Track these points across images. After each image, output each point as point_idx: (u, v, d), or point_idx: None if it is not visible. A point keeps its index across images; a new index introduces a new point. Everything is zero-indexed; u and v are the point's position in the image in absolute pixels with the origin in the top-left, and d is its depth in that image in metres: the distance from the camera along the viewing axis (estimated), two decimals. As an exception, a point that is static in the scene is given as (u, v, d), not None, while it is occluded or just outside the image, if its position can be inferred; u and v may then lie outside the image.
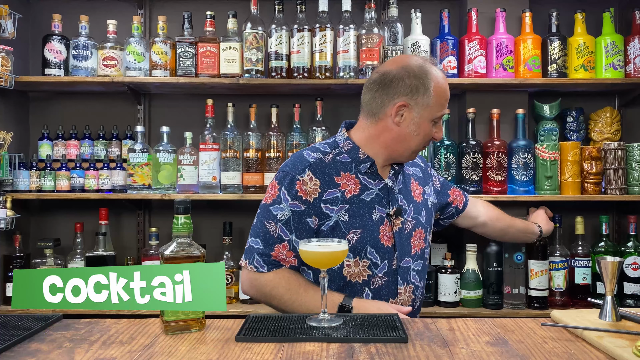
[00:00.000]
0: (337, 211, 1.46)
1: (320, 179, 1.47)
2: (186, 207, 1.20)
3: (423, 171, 1.73)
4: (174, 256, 1.18)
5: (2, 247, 2.52)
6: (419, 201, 1.63)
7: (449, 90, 1.58)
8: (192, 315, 1.20)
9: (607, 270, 1.24)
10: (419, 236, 1.58)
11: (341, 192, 1.48)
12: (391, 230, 1.51)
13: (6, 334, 1.15)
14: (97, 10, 2.75)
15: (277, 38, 2.48)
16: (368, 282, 1.50)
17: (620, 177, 2.49)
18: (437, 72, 1.53)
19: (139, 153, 2.49)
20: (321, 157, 1.52)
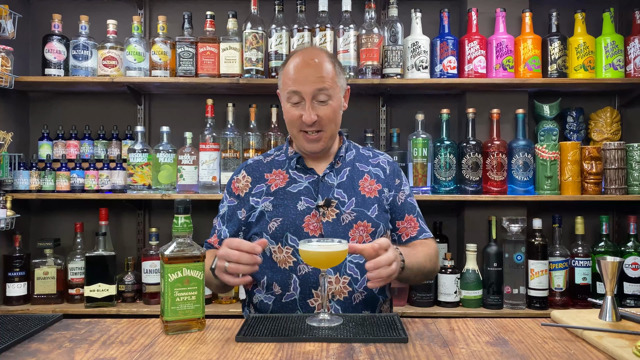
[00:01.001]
0: (262, 202, 1.59)
1: (251, 177, 1.65)
2: (186, 207, 1.21)
3: (387, 176, 1.66)
4: (174, 256, 1.18)
5: (2, 247, 2.52)
6: (369, 196, 1.60)
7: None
8: (193, 315, 1.20)
9: (607, 270, 1.24)
10: (362, 229, 1.55)
11: (267, 186, 1.62)
12: (319, 221, 1.53)
13: (6, 334, 1.15)
14: (97, 10, 2.75)
15: (277, 38, 2.48)
16: (294, 269, 1.51)
17: (620, 177, 2.49)
18: (298, 55, 1.56)
19: (139, 153, 2.49)
20: (261, 159, 1.70)
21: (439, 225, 2.67)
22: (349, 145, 1.71)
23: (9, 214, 2.38)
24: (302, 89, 1.51)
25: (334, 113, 1.55)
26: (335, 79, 1.56)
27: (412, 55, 2.52)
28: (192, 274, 1.18)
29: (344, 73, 1.64)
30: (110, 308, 2.41)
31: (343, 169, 1.63)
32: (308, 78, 1.51)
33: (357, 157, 1.68)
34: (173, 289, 1.17)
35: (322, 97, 1.52)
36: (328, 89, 1.52)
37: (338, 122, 1.60)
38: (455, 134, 2.74)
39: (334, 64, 1.58)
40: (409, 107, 2.74)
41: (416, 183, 2.50)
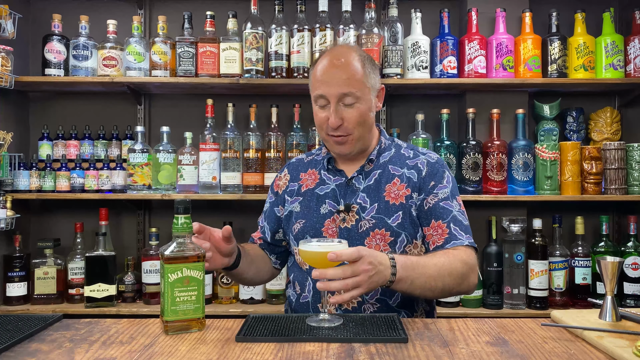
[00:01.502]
0: (292, 202, 1.60)
1: (290, 175, 1.66)
2: (186, 207, 1.21)
3: (421, 179, 1.52)
4: (174, 256, 1.18)
5: (2, 247, 2.52)
6: (394, 202, 1.49)
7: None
8: (193, 315, 1.20)
9: (607, 270, 1.24)
10: (379, 238, 1.47)
11: (299, 186, 1.61)
12: (337, 226, 1.50)
13: (6, 334, 1.15)
14: (97, 10, 2.75)
15: (277, 38, 2.48)
16: (309, 272, 1.49)
17: (620, 177, 2.49)
18: (327, 56, 1.50)
19: (139, 153, 2.49)
20: (303, 157, 1.70)
21: (439, 225, 2.67)
22: (389, 145, 1.61)
23: (9, 214, 2.38)
24: (327, 92, 1.45)
25: (361, 116, 1.47)
26: (364, 79, 1.47)
27: (412, 55, 2.52)
28: (192, 274, 1.18)
29: (376, 72, 1.54)
30: (110, 308, 2.41)
31: (373, 171, 1.55)
32: (333, 80, 1.45)
33: (393, 158, 1.57)
34: (173, 289, 1.17)
35: (348, 100, 1.45)
36: (355, 92, 1.44)
37: (369, 124, 1.51)
38: (455, 134, 2.74)
39: (364, 63, 1.49)
40: (409, 107, 2.74)
41: (416, 183, 2.50)
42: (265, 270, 1.66)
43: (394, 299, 1.47)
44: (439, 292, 1.38)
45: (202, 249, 1.22)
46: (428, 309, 1.57)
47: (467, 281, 1.41)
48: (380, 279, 1.23)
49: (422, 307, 1.54)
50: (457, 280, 1.38)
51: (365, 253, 1.20)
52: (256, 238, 1.70)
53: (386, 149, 1.59)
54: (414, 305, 1.51)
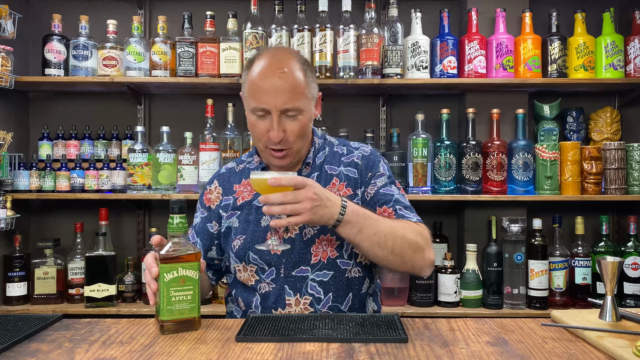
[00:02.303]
0: (229, 217, 1.50)
1: (222, 187, 1.55)
2: (181, 207, 1.21)
3: (362, 172, 1.49)
4: (170, 256, 1.17)
5: (2, 247, 2.52)
6: None
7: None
8: (188, 314, 1.19)
9: (607, 270, 1.24)
10: (325, 243, 1.42)
11: (234, 199, 1.51)
12: (280, 237, 1.41)
13: (6, 334, 1.15)
14: (97, 10, 2.75)
15: (277, 38, 2.48)
16: (256, 287, 1.45)
17: (620, 177, 2.49)
18: (266, 61, 1.38)
19: (139, 153, 2.49)
20: (234, 166, 1.59)
21: (439, 225, 2.67)
22: (322, 144, 1.54)
23: (9, 214, 2.38)
24: (269, 105, 1.35)
25: (302, 129, 1.39)
26: (306, 90, 1.38)
27: (412, 55, 2.52)
28: (187, 274, 1.18)
29: (314, 78, 1.46)
30: (110, 308, 2.41)
31: (311, 175, 1.48)
32: (277, 92, 1.34)
33: (328, 157, 1.51)
34: (169, 289, 1.16)
35: (291, 113, 1.37)
36: (298, 105, 1.36)
37: (308, 135, 1.45)
38: (455, 134, 2.74)
39: (305, 70, 1.40)
40: (409, 107, 2.74)
41: (416, 183, 2.50)
42: (206, 286, 1.57)
43: (345, 303, 1.44)
44: (388, 252, 1.34)
45: (197, 248, 1.22)
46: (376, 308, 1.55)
47: (423, 254, 1.38)
48: (325, 214, 1.26)
49: (371, 307, 1.53)
50: (410, 248, 1.36)
51: (311, 183, 1.25)
52: None
53: (320, 149, 1.53)
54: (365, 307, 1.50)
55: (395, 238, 1.33)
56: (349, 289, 1.45)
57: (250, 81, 1.40)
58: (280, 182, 1.22)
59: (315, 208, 1.24)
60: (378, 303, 1.59)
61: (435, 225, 2.68)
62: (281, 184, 1.22)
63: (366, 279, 1.48)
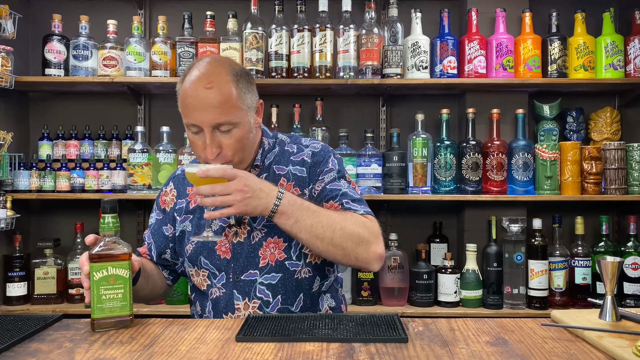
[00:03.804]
0: (182, 221, 1.49)
1: (177, 190, 1.54)
2: (113, 207, 1.21)
3: (310, 170, 1.45)
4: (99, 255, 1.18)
5: (2, 247, 2.52)
6: None
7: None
8: (119, 312, 1.20)
9: (607, 270, 1.24)
10: (272, 246, 1.40)
11: (187, 203, 1.50)
12: (229, 242, 1.41)
13: (6, 334, 1.15)
14: (97, 10, 2.75)
15: (277, 38, 2.48)
16: (207, 292, 1.44)
17: (620, 177, 2.49)
18: (195, 74, 1.33)
19: (139, 153, 2.49)
20: None
21: (439, 225, 2.67)
22: (273, 144, 1.50)
23: (9, 214, 2.38)
24: (199, 121, 1.31)
25: (239, 142, 1.34)
26: (239, 102, 1.32)
27: (412, 55, 2.52)
28: (117, 272, 1.18)
29: (252, 87, 1.39)
30: (110, 308, 2.41)
31: (260, 176, 1.43)
32: (205, 107, 1.29)
33: (277, 157, 1.48)
34: (99, 287, 1.17)
35: (224, 128, 1.31)
36: (230, 119, 1.31)
37: (249, 146, 1.40)
38: (455, 134, 2.74)
39: (237, 82, 1.33)
40: (409, 107, 2.74)
41: (416, 183, 2.50)
42: (159, 285, 1.54)
43: (296, 304, 1.43)
44: (327, 244, 1.31)
45: (129, 247, 1.21)
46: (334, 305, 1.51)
47: (367, 247, 1.34)
48: (259, 205, 1.26)
49: (327, 304, 1.50)
50: (352, 239, 1.32)
51: (243, 175, 1.25)
52: (143, 254, 1.56)
53: (270, 149, 1.49)
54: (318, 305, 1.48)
55: (334, 230, 1.31)
56: (299, 289, 1.44)
57: (181, 96, 1.37)
58: (208, 174, 1.23)
59: (247, 199, 1.24)
60: (338, 299, 1.54)
61: (435, 225, 2.68)
62: (209, 175, 1.23)
63: (317, 278, 1.46)
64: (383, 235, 1.42)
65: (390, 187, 2.50)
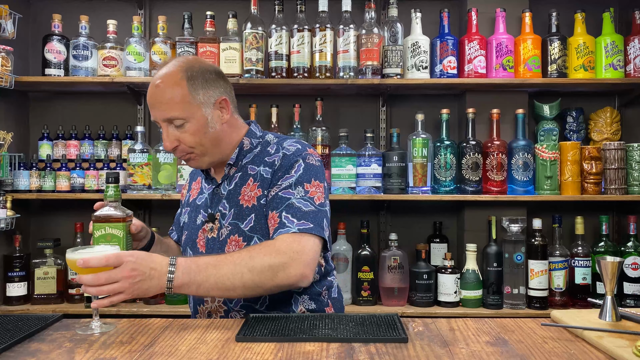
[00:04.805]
0: (184, 213, 1.62)
1: (188, 183, 1.68)
2: (116, 178, 1.36)
3: (273, 174, 1.43)
4: (99, 217, 1.31)
5: (2, 247, 2.52)
6: (247, 205, 1.42)
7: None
8: None
9: (607, 270, 1.24)
10: (234, 244, 1.42)
11: (188, 196, 1.63)
12: (205, 236, 1.48)
13: (6, 334, 1.15)
14: (97, 10, 2.75)
15: (277, 38, 2.48)
16: None
17: (620, 177, 2.49)
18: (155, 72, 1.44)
19: (139, 153, 2.49)
20: None
21: (439, 225, 2.67)
22: (257, 144, 1.51)
23: (9, 214, 2.38)
24: (154, 117, 1.42)
25: (195, 135, 1.39)
26: (188, 99, 1.38)
27: (412, 55, 2.52)
28: (113, 232, 1.30)
29: (209, 84, 1.43)
30: (110, 308, 2.41)
31: (235, 175, 1.48)
32: (156, 104, 1.40)
33: (255, 158, 1.48)
34: (98, 243, 1.29)
35: (177, 122, 1.39)
36: (178, 115, 1.37)
37: (211, 139, 1.42)
38: (455, 134, 2.74)
39: (187, 79, 1.39)
40: (409, 107, 2.74)
41: (416, 183, 2.50)
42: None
43: (261, 302, 1.42)
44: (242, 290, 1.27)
45: (126, 213, 1.33)
46: (313, 307, 1.46)
47: (287, 272, 1.27)
48: (152, 285, 1.20)
49: (304, 306, 1.45)
50: (265, 275, 1.26)
51: (128, 259, 1.18)
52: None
53: (251, 149, 1.50)
54: (290, 306, 1.44)
55: (242, 274, 1.25)
56: None
57: None
58: (89, 264, 1.15)
59: (138, 284, 1.18)
60: (322, 302, 1.49)
61: (435, 225, 2.68)
62: (90, 265, 1.15)
63: None
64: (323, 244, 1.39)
65: (390, 187, 2.50)
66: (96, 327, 1.22)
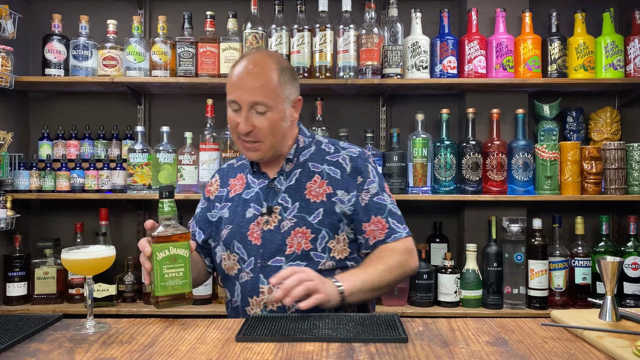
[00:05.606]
0: (221, 208, 1.61)
1: (221, 181, 1.67)
2: (170, 192, 1.28)
3: (345, 176, 1.54)
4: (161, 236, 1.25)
5: (2, 247, 2.52)
6: (314, 200, 1.50)
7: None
8: (181, 289, 1.27)
9: (607, 270, 1.24)
10: (300, 236, 1.48)
11: (227, 192, 1.63)
12: (260, 229, 1.52)
13: (6, 334, 1.15)
14: (97, 10, 2.75)
15: (277, 38, 2.48)
16: (238, 276, 1.53)
17: (620, 177, 2.49)
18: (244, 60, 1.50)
19: (139, 153, 2.49)
20: (233, 163, 1.71)
21: (439, 225, 2.67)
22: (309, 142, 1.61)
23: (9, 214, 2.38)
24: (239, 98, 1.46)
25: (272, 125, 1.47)
26: (278, 89, 1.47)
27: (412, 55, 2.52)
28: (178, 252, 1.26)
29: (294, 82, 1.54)
30: (111, 308, 2.41)
31: (294, 171, 1.56)
32: (246, 86, 1.45)
33: (313, 156, 1.58)
34: (161, 266, 1.24)
35: (260, 109, 1.45)
36: (266, 101, 1.45)
37: (281, 133, 1.51)
38: (455, 134, 2.74)
39: (280, 72, 1.48)
40: (409, 107, 2.74)
41: (416, 183, 2.50)
42: (202, 272, 1.66)
43: None
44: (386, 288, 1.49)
45: (186, 229, 1.29)
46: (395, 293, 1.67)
47: (408, 267, 1.52)
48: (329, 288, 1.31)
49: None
50: (397, 273, 1.48)
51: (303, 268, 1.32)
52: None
53: (306, 147, 1.59)
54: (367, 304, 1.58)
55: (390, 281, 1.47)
56: None
57: (229, 75, 1.52)
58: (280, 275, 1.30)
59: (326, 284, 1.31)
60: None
61: (435, 225, 2.68)
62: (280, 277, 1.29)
63: (336, 271, 1.51)
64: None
65: (390, 187, 2.50)
66: (90, 327, 1.22)
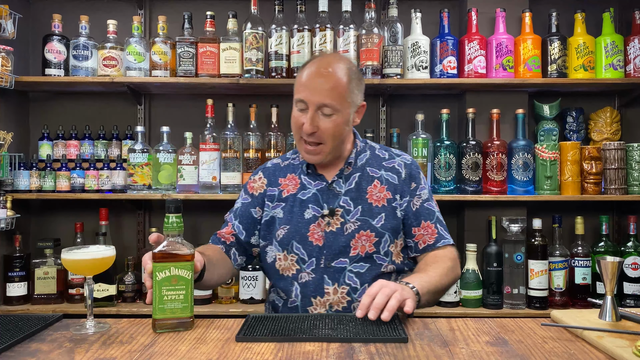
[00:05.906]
0: (274, 207, 1.60)
1: (267, 179, 1.66)
2: (177, 207, 1.20)
3: (401, 181, 1.60)
4: (163, 255, 1.17)
5: (2, 247, 2.52)
6: (376, 204, 1.55)
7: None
8: (180, 314, 1.20)
9: (607, 270, 1.24)
10: (364, 239, 1.52)
11: (279, 191, 1.62)
12: (323, 230, 1.53)
13: (6, 334, 1.15)
14: (97, 10, 2.75)
15: (277, 38, 2.48)
16: (296, 277, 1.53)
17: (620, 177, 2.49)
18: (316, 62, 1.53)
19: (139, 153, 2.49)
20: (279, 162, 1.71)
21: (439, 225, 2.67)
22: (364, 147, 1.66)
23: (9, 214, 2.38)
24: (307, 98, 1.48)
25: (336, 128, 1.50)
26: (346, 94, 1.49)
27: (412, 55, 2.52)
28: (180, 274, 1.18)
29: (361, 88, 1.57)
30: (111, 308, 2.41)
31: (353, 174, 1.59)
32: (316, 88, 1.48)
33: (369, 161, 1.62)
34: (161, 287, 1.17)
35: (326, 111, 1.48)
36: (334, 105, 1.47)
37: (343, 137, 1.55)
38: (455, 134, 2.74)
39: (350, 78, 1.51)
40: (409, 107, 2.74)
41: (416, 183, 2.50)
42: (225, 273, 1.62)
43: None
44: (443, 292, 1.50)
45: (192, 248, 1.21)
46: None
47: (456, 272, 1.57)
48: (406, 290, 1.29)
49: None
50: (451, 277, 1.52)
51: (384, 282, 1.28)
52: (228, 235, 1.63)
53: (362, 152, 1.64)
54: None
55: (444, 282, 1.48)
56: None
57: (298, 77, 1.55)
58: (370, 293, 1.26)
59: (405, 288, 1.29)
60: None
61: (435, 225, 2.67)
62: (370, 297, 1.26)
63: (393, 274, 1.57)
64: None
65: (390, 187, 2.50)
66: (90, 327, 1.22)
